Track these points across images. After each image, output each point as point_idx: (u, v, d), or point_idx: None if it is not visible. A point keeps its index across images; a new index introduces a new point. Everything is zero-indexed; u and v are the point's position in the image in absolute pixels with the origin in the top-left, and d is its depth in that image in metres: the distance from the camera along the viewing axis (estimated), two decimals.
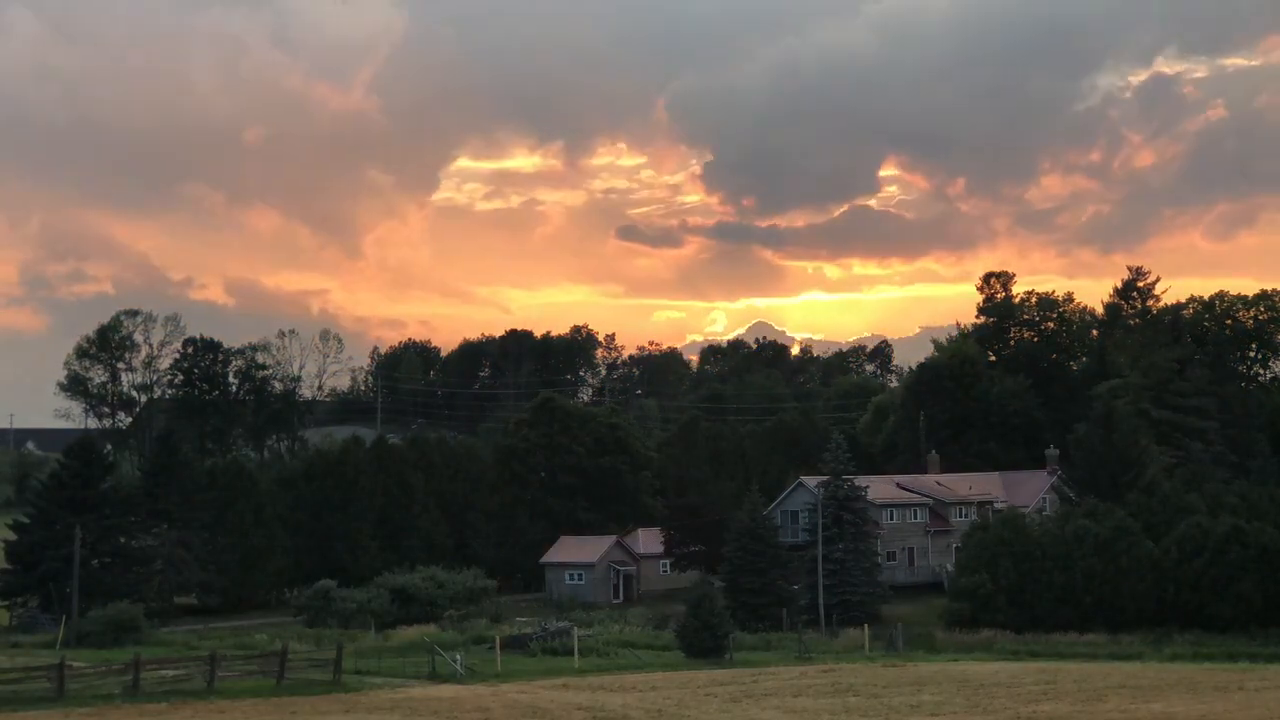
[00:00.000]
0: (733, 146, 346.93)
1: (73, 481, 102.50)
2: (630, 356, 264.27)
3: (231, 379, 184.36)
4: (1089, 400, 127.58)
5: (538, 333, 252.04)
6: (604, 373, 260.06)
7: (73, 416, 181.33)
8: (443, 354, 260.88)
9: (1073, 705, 53.08)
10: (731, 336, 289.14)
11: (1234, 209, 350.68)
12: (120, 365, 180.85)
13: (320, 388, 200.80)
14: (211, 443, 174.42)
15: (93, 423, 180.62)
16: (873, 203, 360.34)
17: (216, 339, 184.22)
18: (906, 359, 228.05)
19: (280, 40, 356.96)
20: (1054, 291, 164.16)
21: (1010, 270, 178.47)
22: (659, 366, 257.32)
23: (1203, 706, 52.22)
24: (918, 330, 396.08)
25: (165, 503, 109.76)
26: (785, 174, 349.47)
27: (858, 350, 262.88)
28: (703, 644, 76.19)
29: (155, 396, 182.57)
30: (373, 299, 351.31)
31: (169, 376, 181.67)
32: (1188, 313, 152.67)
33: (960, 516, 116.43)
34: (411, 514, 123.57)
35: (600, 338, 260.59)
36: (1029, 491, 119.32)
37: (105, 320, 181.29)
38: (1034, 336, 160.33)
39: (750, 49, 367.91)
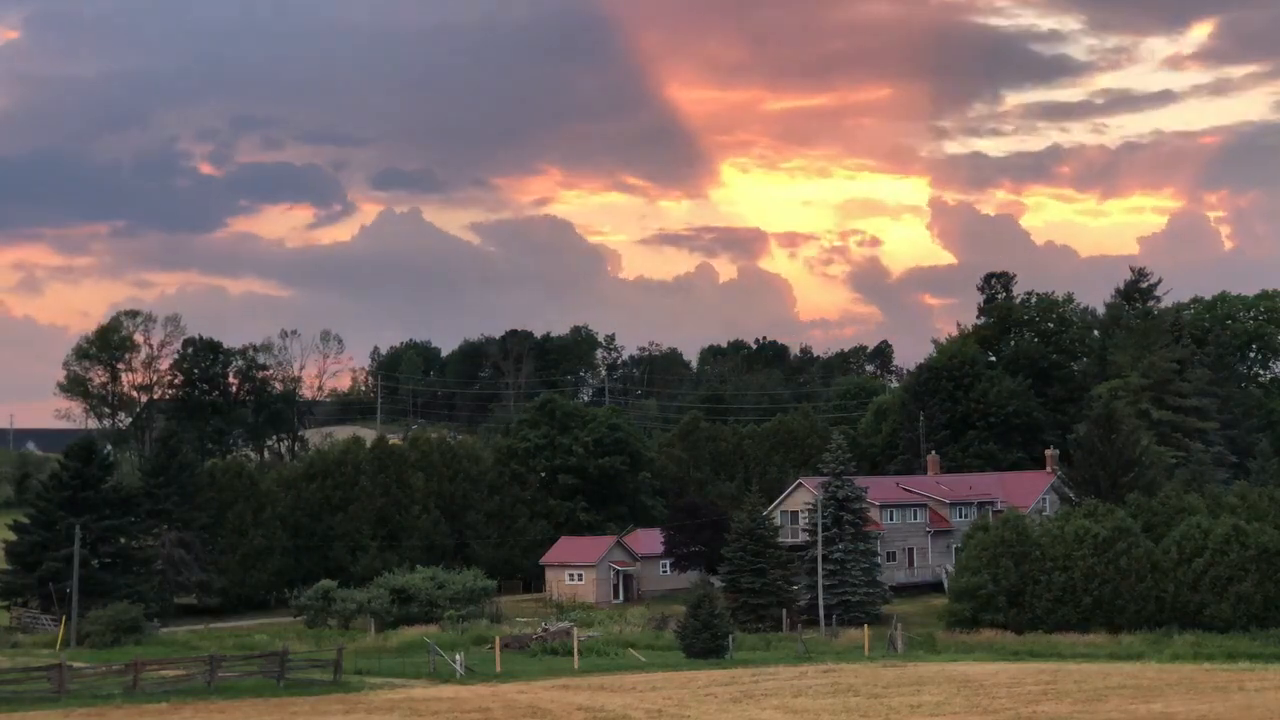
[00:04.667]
0: None
1: (73, 482, 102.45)
2: (631, 356, 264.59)
3: (231, 379, 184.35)
4: (1089, 400, 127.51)
5: (538, 333, 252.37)
6: (604, 373, 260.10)
7: (73, 417, 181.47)
8: (443, 354, 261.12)
9: (1073, 705, 53.03)
10: None
11: None
12: (120, 365, 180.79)
13: (320, 388, 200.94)
14: (211, 443, 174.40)
15: (93, 423, 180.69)
16: None
17: (216, 339, 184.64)
18: None
19: None
20: (1054, 292, 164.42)
21: None
22: (659, 367, 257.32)
23: (1203, 706, 52.16)
24: None
25: (165, 503, 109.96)
26: None
27: (858, 350, 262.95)
28: (703, 644, 76.14)
29: (155, 397, 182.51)
30: None
31: (169, 377, 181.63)
32: (1188, 313, 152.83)
33: (960, 517, 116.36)
34: (411, 514, 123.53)
35: (600, 338, 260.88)
36: (1029, 491, 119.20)
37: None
38: (1034, 337, 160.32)
39: None
